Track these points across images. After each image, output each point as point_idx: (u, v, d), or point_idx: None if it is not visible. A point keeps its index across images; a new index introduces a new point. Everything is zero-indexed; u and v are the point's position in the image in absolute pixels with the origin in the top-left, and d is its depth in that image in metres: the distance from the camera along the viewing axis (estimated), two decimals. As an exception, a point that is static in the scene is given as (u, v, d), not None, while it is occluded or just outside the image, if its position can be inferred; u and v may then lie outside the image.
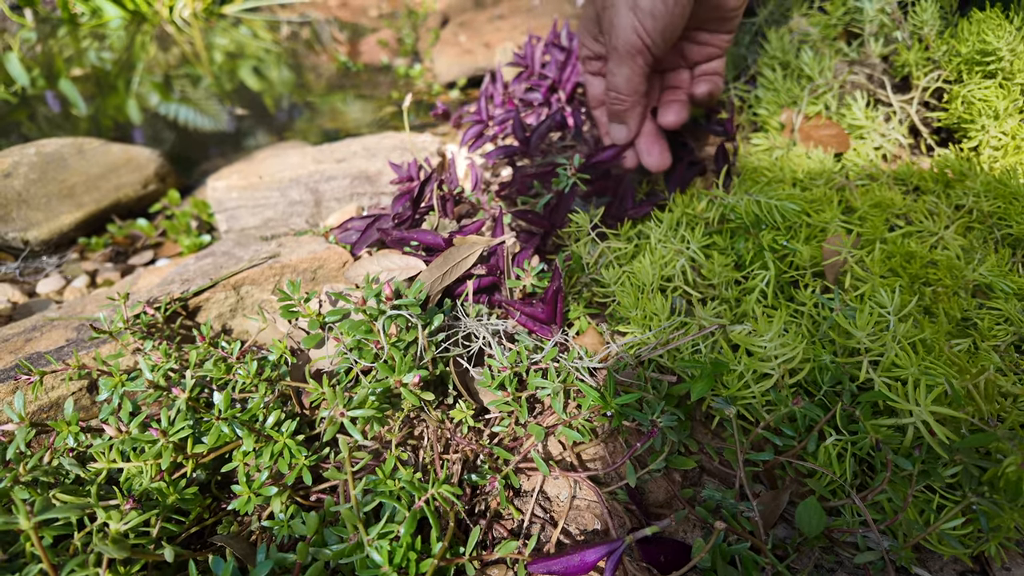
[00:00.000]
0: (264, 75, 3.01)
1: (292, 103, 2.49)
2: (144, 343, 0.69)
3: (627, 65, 0.81)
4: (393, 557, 0.46)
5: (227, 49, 3.56)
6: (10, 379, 0.70)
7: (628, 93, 0.84)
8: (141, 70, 3.19)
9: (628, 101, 0.86)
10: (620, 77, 0.83)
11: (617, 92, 0.84)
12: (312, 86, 2.66)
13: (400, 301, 0.59)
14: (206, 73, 3.10)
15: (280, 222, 1.04)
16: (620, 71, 0.82)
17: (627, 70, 0.82)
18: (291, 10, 4.25)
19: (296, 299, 0.61)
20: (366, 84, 2.51)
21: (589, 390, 0.59)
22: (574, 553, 0.52)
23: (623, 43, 0.79)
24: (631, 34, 0.78)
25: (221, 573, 0.47)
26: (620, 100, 0.85)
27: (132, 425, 0.54)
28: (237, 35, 3.87)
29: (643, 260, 0.77)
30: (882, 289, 0.67)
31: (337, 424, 0.48)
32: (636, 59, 0.80)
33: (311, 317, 0.60)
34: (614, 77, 0.83)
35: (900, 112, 1.05)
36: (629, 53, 0.80)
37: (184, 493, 0.54)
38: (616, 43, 0.80)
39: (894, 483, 0.57)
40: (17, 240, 1.20)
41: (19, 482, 0.53)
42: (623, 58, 0.80)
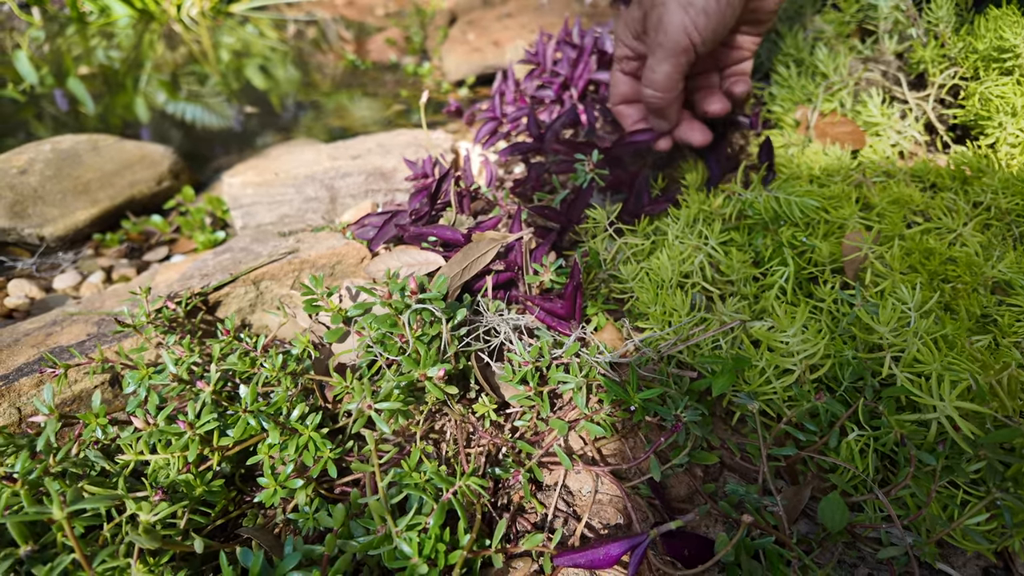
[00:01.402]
0: (272, 73, 3.02)
1: (300, 101, 2.49)
2: (166, 337, 0.70)
3: (669, 62, 0.82)
4: (422, 548, 0.47)
5: (235, 47, 3.57)
6: (34, 372, 0.70)
7: (667, 90, 0.85)
8: (149, 69, 3.20)
9: (667, 98, 0.87)
10: (660, 74, 0.84)
11: (655, 89, 0.85)
12: (320, 84, 2.67)
13: (424, 296, 0.59)
14: (214, 72, 3.11)
15: (296, 218, 1.04)
16: (661, 68, 0.83)
17: (668, 67, 0.83)
18: (297, 8, 4.26)
19: (319, 293, 0.61)
20: (375, 82, 2.52)
21: (612, 385, 0.59)
22: (599, 546, 0.53)
23: (671, 40, 0.80)
24: (680, 32, 0.79)
25: (250, 564, 0.47)
26: (659, 98, 0.86)
27: (159, 418, 0.55)
28: (244, 34, 3.87)
29: (661, 256, 0.77)
30: (902, 285, 0.67)
31: (365, 416, 0.48)
32: (680, 57, 0.82)
33: (334, 311, 0.61)
34: (654, 74, 0.84)
35: (916, 109, 1.05)
36: (675, 51, 0.81)
37: (211, 485, 0.54)
38: (663, 40, 0.80)
39: (917, 478, 0.57)
40: (33, 236, 1.21)
41: (49, 473, 0.54)
42: (668, 55, 0.81)
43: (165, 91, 2.79)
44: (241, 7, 4.19)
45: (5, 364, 0.73)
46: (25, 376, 0.70)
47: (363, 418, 0.48)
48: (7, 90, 2.71)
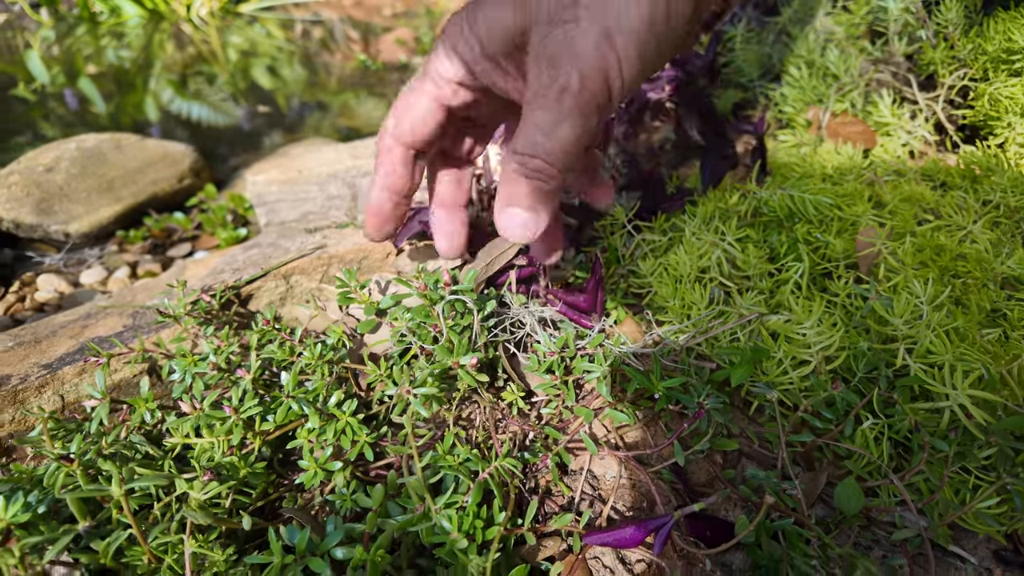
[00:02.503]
0: (281, 73, 3.05)
1: (310, 102, 2.52)
2: (202, 328, 0.72)
3: (577, 122, 0.47)
4: (461, 524, 0.49)
5: (244, 47, 3.60)
6: (76, 362, 0.73)
7: (565, 165, 0.49)
8: (159, 68, 3.23)
9: (559, 178, 0.50)
10: (560, 139, 0.47)
11: (546, 158, 0.48)
12: (329, 84, 2.69)
13: (457, 287, 0.62)
14: (224, 71, 3.13)
15: (319, 216, 1.07)
16: (562, 129, 0.47)
17: (575, 129, 0.47)
18: (305, 9, 4.29)
19: (352, 286, 0.64)
20: (386, 82, 2.54)
21: (635, 374, 0.62)
22: (626, 527, 0.55)
23: (587, 83, 0.46)
24: (598, 72, 0.46)
25: (297, 541, 0.50)
26: (550, 173, 0.49)
27: (206, 403, 0.57)
28: (253, 34, 3.90)
29: (679, 252, 0.79)
30: (915, 280, 0.69)
31: (404, 401, 0.51)
32: (593, 116, 0.48)
33: (367, 303, 0.63)
34: (548, 137, 0.47)
35: (926, 109, 1.07)
36: (589, 102, 0.47)
37: (254, 467, 0.57)
38: (571, 81, 0.46)
39: (931, 464, 0.60)
40: (59, 233, 1.24)
41: (101, 455, 0.57)
42: (577, 108, 0.47)
43: (175, 91, 2.82)
44: (250, 7, 4.22)
45: (47, 354, 0.76)
46: (68, 365, 0.72)
47: (402, 403, 0.50)
48: (19, 89, 2.74)
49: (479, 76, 0.52)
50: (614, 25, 0.45)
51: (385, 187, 0.56)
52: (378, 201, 0.56)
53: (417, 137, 0.55)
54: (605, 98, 0.47)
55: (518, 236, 0.51)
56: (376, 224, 0.57)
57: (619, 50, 0.46)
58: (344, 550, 0.49)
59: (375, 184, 0.56)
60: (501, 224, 0.51)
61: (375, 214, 0.57)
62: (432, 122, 0.55)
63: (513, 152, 0.49)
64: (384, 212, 0.57)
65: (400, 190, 0.57)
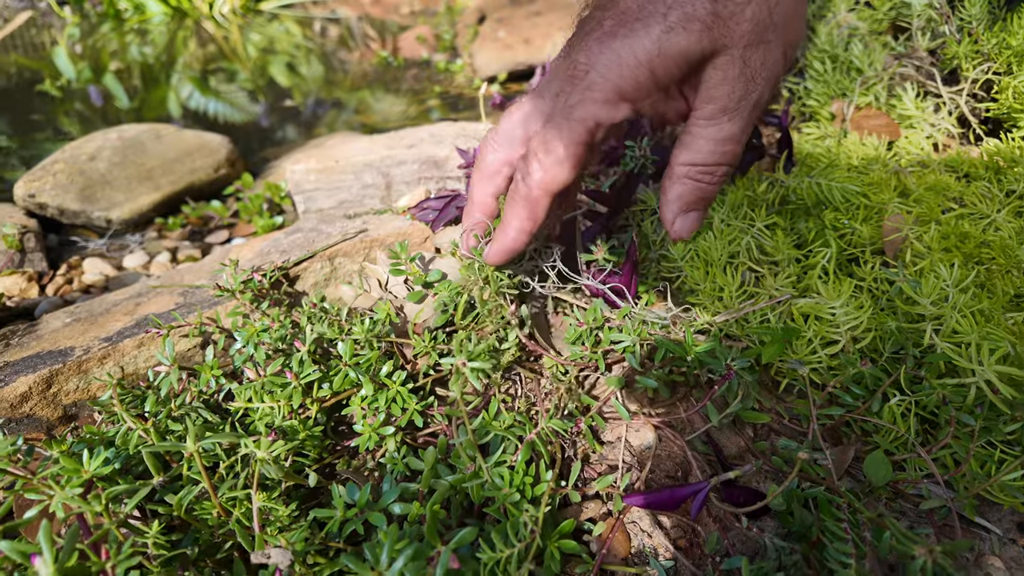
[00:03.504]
0: (299, 70, 3.09)
1: (330, 99, 2.56)
2: (255, 305, 0.76)
3: (741, 123, 0.55)
4: (512, 481, 0.52)
5: (264, 45, 3.65)
6: (134, 335, 0.77)
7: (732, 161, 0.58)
8: (181, 65, 3.29)
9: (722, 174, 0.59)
10: (745, 139, 0.57)
11: (736, 162, 0.58)
12: (346, 82, 2.73)
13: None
14: (244, 68, 3.18)
15: (354, 203, 1.10)
16: (748, 131, 0.56)
17: (739, 129, 0.55)
18: (323, 6, 4.34)
19: (403, 258, 0.67)
20: (402, 80, 2.58)
21: (664, 342, 0.64)
22: (664, 491, 0.58)
23: (769, 92, 0.55)
24: (776, 77, 0.55)
25: (357, 497, 0.53)
26: (727, 176, 0.60)
27: (269, 369, 0.61)
28: (273, 31, 3.96)
29: (708, 237, 0.82)
30: (941, 264, 0.71)
31: (461, 372, 0.54)
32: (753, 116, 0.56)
33: (416, 275, 0.66)
34: (742, 140, 0.57)
35: (949, 103, 1.09)
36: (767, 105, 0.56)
37: (312, 431, 0.60)
38: (762, 94, 0.55)
39: (957, 439, 0.62)
40: (101, 219, 1.28)
41: (171, 417, 0.60)
42: (760, 114, 0.57)
43: (196, 87, 2.87)
44: (270, 5, 4.28)
45: (105, 328, 0.80)
46: (127, 338, 0.76)
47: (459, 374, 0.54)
48: (45, 85, 2.80)
49: (643, 109, 0.56)
50: (789, 41, 0.53)
51: (527, 231, 0.61)
52: (518, 243, 0.61)
53: (565, 184, 0.58)
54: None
55: (689, 235, 0.63)
56: (509, 258, 0.63)
57: (788, 62, 0.54)
58: (401, 505, 0.53)
59: (512, 227, 0.60)
60: (678, 226, 0.62)
61: (511, 252, 0.62)
62: (580, 167, 0.58)
63: (691, 164, 0.56)
64: (519, 249, 0.62)
65: (536, 230, 0.62)
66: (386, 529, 0.50)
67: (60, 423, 0.73)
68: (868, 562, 0.50)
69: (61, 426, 0.73)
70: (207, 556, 0.55)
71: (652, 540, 0.58)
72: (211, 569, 0.54)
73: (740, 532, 0.59)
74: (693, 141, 0.55)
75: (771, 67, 0.53)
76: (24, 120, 2.32)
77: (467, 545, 0.50)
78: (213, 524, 0.55)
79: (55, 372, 0.72)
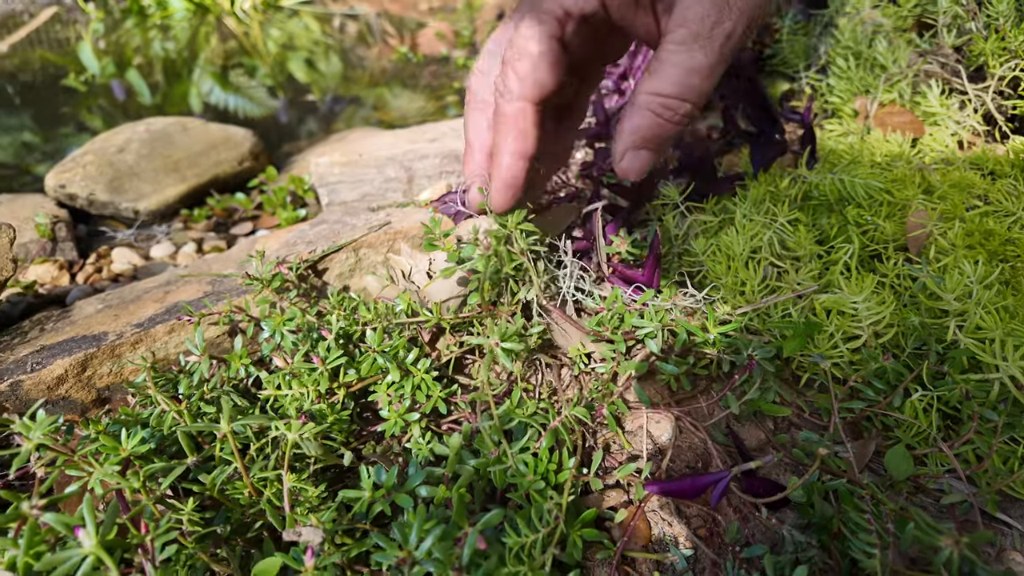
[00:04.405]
0: (318, 66, 3.12)
1: (348, 95, 2.58)
2: (282, 295, 0.78)
3: (726, 64, 0.50)
4: (537, 468, 0.53)
5: (283, 41, 3.68)
6: (165, 322, 0.79)
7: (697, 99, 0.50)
8: (203, 60, 3.33)
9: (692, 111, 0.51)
10: (716, 77, 0.50)
11: (701, 101, 0.51)
12: (364, 78, 2.75)
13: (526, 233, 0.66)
14: (264, 64, 3.21)
15: (377, 196, 1.12)
16: (720, 69, 0.49)
17: (723, 71, 0.49)
18: (343, 3, 4.36)
19: (437, 233, 0.68)
20: (420, 76, 2.60)
21: (687, 324, 0.65)
22: (685, 480, 0.59)
23: (746, 27, 0.49)
24: (759, 13, 0.48)
25: (384, 479, 0.54)
26: (691, 116, 0.52)
27: (297, 356, 0.62)
28: (292, 27, 3.99)
29: (730, 232, 0.82)
30: (965, 261, 0.71)
31: (492, 353, 0.55)
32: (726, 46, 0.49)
33: (450, 251, 0.67)
34: (712, 77, 0.49)
35: (975, 100, 1.08)
36: (741, 43, 0.49)
37: (340, 415, 0.61)
38: (735, 27, 0.48)
39: (980, 434, 0.62)
40: (129, 210, 1.31)
41: (204, 399, 0.62)
42: (732, 52, 0.49)
43: (216, 82, 2.90)
44: (290, 1, 4.31)
45: (136, 315, 0.82)
46: (158, 324, 0.78)
47: (491, 354, 0.55)
48: (70, 79, 2.85)
49: (612, 10, 0.50)
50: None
51: (520, 154, 0.53)
52: (513, 171, 0.54)
53: (545, 90, 0.51)
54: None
55: (636, 176, 0.54)
56: (512, 195, 0.55)
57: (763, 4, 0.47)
58: (427, 488, 0.54)
59: (505, 154, 0.53)
60: (625, 164, 0.53)
61: (511, 186, 0.55)
62: (557, 67, 0.51)
63: (655, 94, 0.49)
64: (519, 181, 0.55)
65: (532, 153, 0.54)
66: (413, 510, 0.51)
67: (94, 405, 0.75)
68: (891, 553, 0.50)
69: (95, 408, 0.75)
70: (238, 534, 0.56)
71: (672, 528, 0.59)
72: (242, 547, 0.56)
73: (760, 522, 0.60)
74: (660, 67, 0.49)
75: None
76: (49, 114, 2.36)
77: (492, 528, 0.51)
78: (244, 504, 0.56)
79: (89, 356, 0.74)
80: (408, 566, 0.43)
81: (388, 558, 0.44)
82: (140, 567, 0.49)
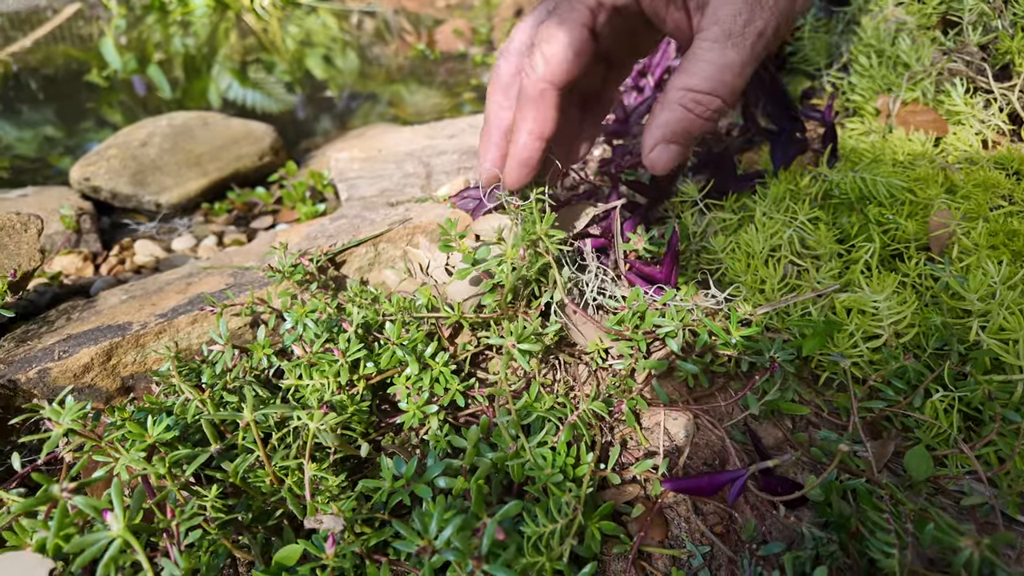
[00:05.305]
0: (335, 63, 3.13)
1: (365, 91, 2.59)
2: (303, 287, 0.79)
3: (758, 63, 0.51)
4: (555, 462, 0.54)
5: (301, 37, 3.71)
6: (188, 312, 0.80)
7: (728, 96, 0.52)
8: (222, 56, 3.36)
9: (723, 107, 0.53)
10: (747, 76, 0.51)
11: (733, 98, 0.52)
12: (381, 75, 2.76)
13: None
14: (283, 60, 3.23)
15: (395, 192, 1.12)
16: (750, 69, 0.50)
17: (741, 59, 0.50)
18: (360, 0, 4.38)
19: (453, 235, 0.69)
20: (436, 74, 2.60)
21: (709, 322, 0.65)
22: (703, 477, 0.59)
23: (776, 27, 0.50)
24: (788, 13, 0.49)
25: (404, 470, 0.55)
26: (722, 113, 0.54)
27: (316, 346, 0.63)
28: (310, 23, 4.01)
29: (750, 230, 0.82)
30: (988, 261, 0.70)
31: (509, 353, 0.55)
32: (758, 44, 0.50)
33: (465, 252, 0.68)
34: (743, 75, 0.51)
35: (1001, 99, 1.07)
36: (773, 44, 0.50)
37: (360, 406, 0.62)
38: (766, 25, 0.49)
39: (1002, 435, 0.61)
40: (151, 203, 1.33)
41: (227, 389, 0.63)
42: (765, 51, 0.51)
43: (235, 78, 2.93)
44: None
45: (159, 306, 0.83)
46: (181, 315, 0.79)
47: (508, 355, 0.55)
48: (92, 75, 2.89)
49: (644, 2, 0.52)
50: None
51: (539, 135, 0.54)
52: (530, 150, 0.55)
53: (570, 75, 0.52)
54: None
55: (663, 170, 0.55)
56: (526, 174, 0.56)
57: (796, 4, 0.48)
58: (446, 479, 0.54)
59: (522, 132, 0.54)
60: (653, 156, 0.54)
61: (525, 164, 0.56)
62: (585, 54, 0.52)
63: (687, 89, 0.50)
64: (534, 161, 0.56)
65: (549, 135, 0.55)
66: (432, 500, 0.52)
67: (118, 394, 0.77)
68: (910, 553, 0.50)
69: (119, 397, 0.77)
70: (259, 522, 0.57)
71: (689, 525, 0.59)
72: (263, 534, 0.57)
73: (777, 520, 0.60)
74: (693, 63, 0.50)
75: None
76: (71, 109, 2.40)
77: (510, 519, 0.52)
78: (266, 491, 0.57)
79: (115, 345, 0.75)
80: (428, 555, 0.44)
81: (409, 546, 0.44)
82: (164, 551, 0.50)
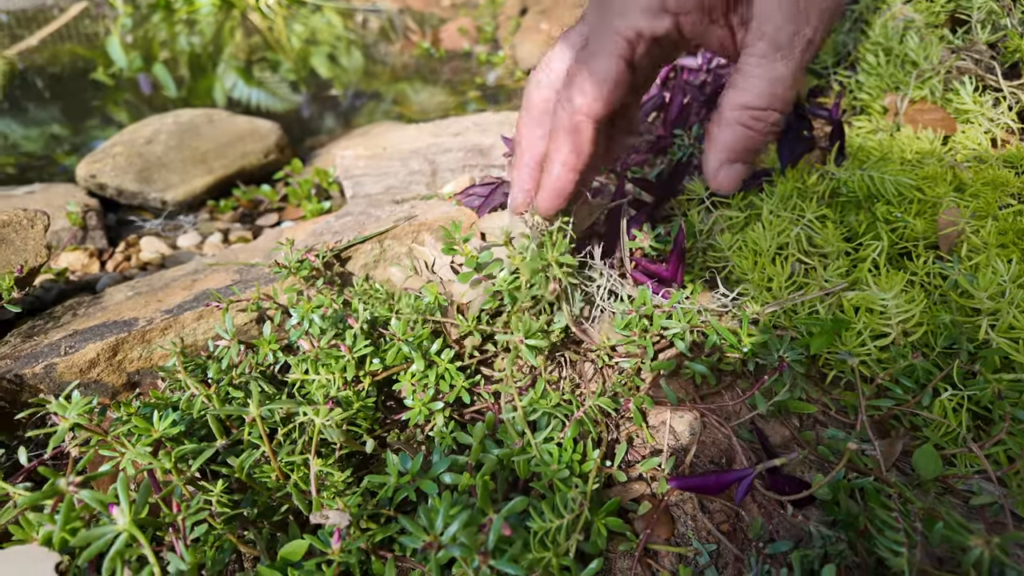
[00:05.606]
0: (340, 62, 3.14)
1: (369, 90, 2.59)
2: (309, 283, 0.79)
3: (793, 64, 0.49)
4: (561, 458, 0.53)
5: (306, 36, 3.71)
6: (193, 308, 0.80)
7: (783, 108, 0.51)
8: (228, 55, 3.37)
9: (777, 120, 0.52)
10: (798, 84, 0.50)
11: (787, 108, 0.51)
12: (385, 74, 2.76)
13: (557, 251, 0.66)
14: (288, 59, 3.24)
15: (400, 189, 1.12)
16: (800, 76, 0.49)
17: (791, 71, 0.49)
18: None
19: (457, 238, 0.69)
20: (439, 72, 2.60)
21: (719, 326, 0.65)
22: (710, 475, 0.58)
23: (823, 33, 0.49)
24: (832, 15, 0.48)
25: (409, 466, 0.55)
26: (778, 125, 0.52)
27: (323, 342, 0.63)
28: (315, 22, 4.02)
29: (757, 228, 0.82)
30: (998, 259, 0.70)
31: (517, 348, 0.55)
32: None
33: (468, 256, 0.68)
34: (794, 84, 0.50)
35: (1010, 98, 1.06)
36: (808, 48, 0.48)
37: (366, 402, 0.62)
38: (815, 34, 0.49)
39: (1011, 435, 0.61)
40: (157, 200, 1.33)
41: (232, 384, 0.63)
42: (811, 57, 0.50)
43: (240, 76, 2.93)
44: (314, -4, 4.33)
45: (165, 302, 0.83)
46: (187, 311, 0.79)
47: (516, 350, 0.55)
48: (98, 73, 2.90)
49: (686, 28, 0.51)
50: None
51: (572, 166, 0.55)
52: (563, 181, 0.55)
53: (608, 110, 0.52)
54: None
55: (731, 189, 0.55)
56: (559, 204, 0.57)
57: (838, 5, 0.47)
58: (452, 475, 0.54)
59: (556, 163, 0.55)
60: (721, 178, 0.53)
61: (559, 195, 0.56)
62: (622, 86, 0.51)
63: (743, 107, 0.50)
64: (567, 192, 0.56)
65: (584, 168, 0.55)
66: (438, 496, 0.51)
67: (124, 389, 0.77)
68: (919, 552, 0.49)
69: (125, 392, 0.77)
70: (265, 517, 0.57)
71: (695, 523, 0.59)
72: (268, 529, 0.57)
73: (784, 519, 0.59)
74: (745, 80, 0.50)
75: (821, 3, 0.48)
76: (77, 107, 2.41)
77: (516, 515, 0.52)
78: (272, 487, 0.57)
79: (120, 341, 0.75)
80: (434, 550, 0.44)
81: (415, 542, 0.44)
82: (170, 546, 0.50)
